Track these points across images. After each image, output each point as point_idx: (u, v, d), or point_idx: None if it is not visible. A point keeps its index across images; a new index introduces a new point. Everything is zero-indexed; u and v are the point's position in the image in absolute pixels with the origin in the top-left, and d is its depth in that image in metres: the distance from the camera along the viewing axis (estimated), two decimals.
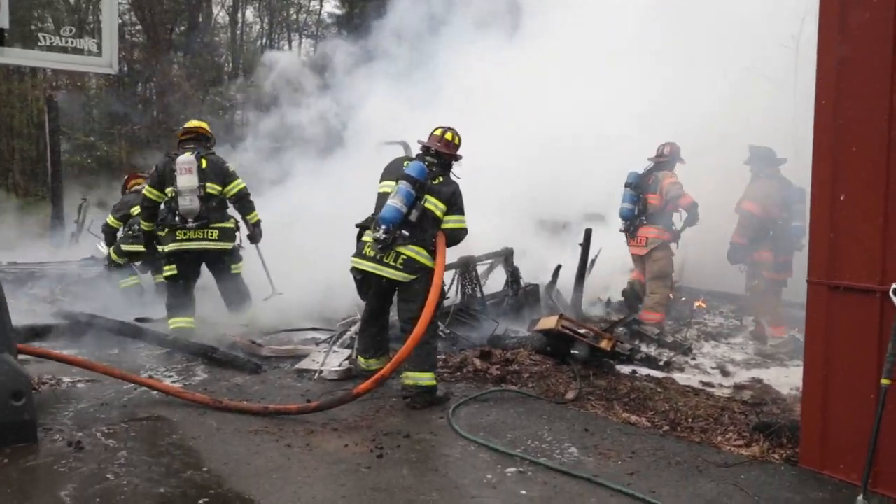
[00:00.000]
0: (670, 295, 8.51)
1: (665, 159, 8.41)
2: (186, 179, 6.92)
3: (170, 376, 6.07)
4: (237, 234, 7.43)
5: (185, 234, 7.01)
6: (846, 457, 4.13)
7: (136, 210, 8.71)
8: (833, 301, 4.12)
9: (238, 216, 7.47)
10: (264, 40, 31.26)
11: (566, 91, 11.34)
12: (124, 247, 8.96)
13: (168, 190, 7.07)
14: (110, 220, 9.22)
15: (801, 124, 9.09)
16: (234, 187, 7.27)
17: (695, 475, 4.28)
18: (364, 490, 3.97)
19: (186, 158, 7.00)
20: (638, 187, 8.44)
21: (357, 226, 5.69)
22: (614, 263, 9.45)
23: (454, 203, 5.55)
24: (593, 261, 8.65)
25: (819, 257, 4.18)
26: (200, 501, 3.80)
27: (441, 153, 5.68)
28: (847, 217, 4.04)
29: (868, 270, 3.93)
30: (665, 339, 7.74)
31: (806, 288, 4.30)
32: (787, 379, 6.92)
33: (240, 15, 30.39)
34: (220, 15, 30.49)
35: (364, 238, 5.63)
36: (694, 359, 7.47)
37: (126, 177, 10.13)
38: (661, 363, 7.00)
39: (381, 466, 4.29)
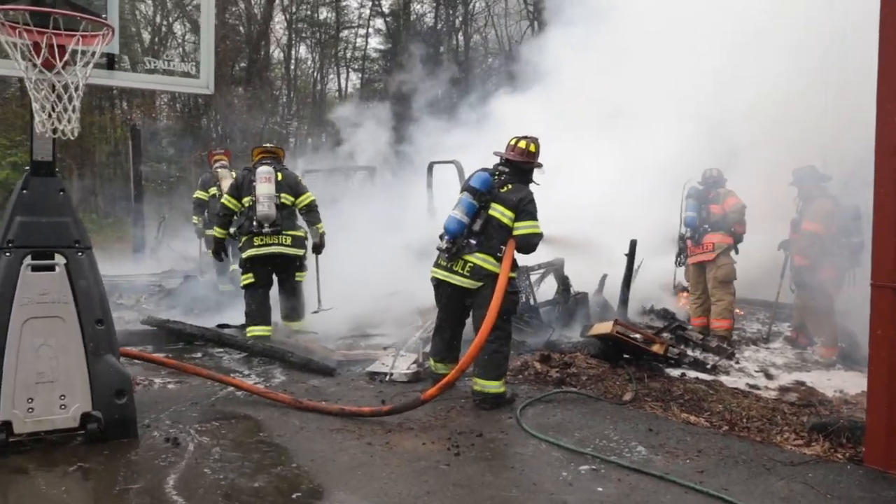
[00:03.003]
0: (733, 301, 8.22)
1: (717, 178, 8.28)
2: (265, 187, 6.98)
3: (251, 378, 5.98)
4: (306, 242, 7.40)
5: (261, 239, 7.01)
6: None
7: (212, 191, 9.59)
8: None
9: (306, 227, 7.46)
10: (316, 74, 31.54)
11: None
12: (208, 231, 9.42)
13: (245, 199, 7.11)
14: (199, 193, 9.97)
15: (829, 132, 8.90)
16: (305, 199, 7.30)
17: (763, 473, 4.06)
18: (446, 486, 3.82)
19: (266, 169, 7.09)
20: (701, 199, 8.22)
21: (440, 237, 5.55)
22: (654, 274, 9.22)
23: (523, 209, 5.30)
24: (637, 269, 8.42)
25: (883, 260, 3.96)
26: (294, 495, 3.68)
27: (513, 161, 5.51)
28: None
29: None
30: (709, 344, 7.48)
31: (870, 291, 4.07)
32: (829, 382, 6.65)
33: (293, 52, 30.73)
34: (276, 52, 30.89)
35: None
36: (737, 363, 7.20)
37: (207, 153, 11.04)
38: (708, 367, 6.75)
39: (459, 464, 4.13)
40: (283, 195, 7.12)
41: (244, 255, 7.10)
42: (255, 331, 6.93)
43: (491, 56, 27.23)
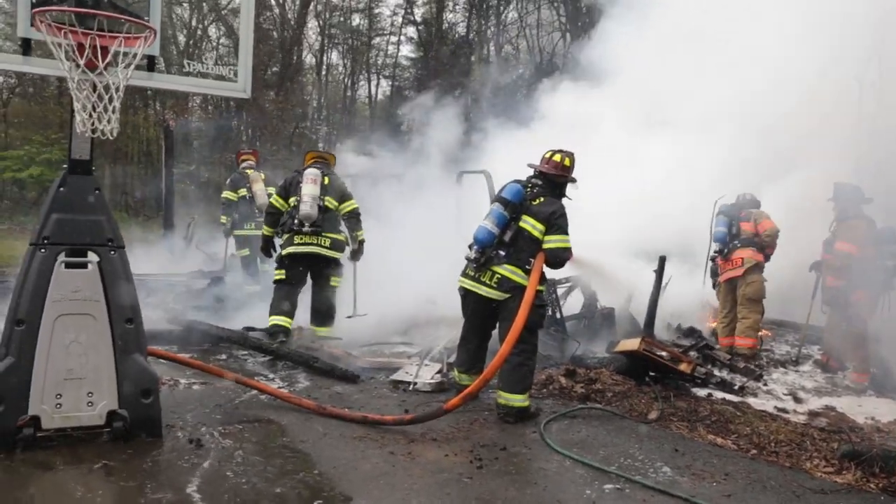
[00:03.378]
0: (760, 321, 8.11)
1: (750, 200, 8.32)
2: (310, 188, 7.15)
3: (274, 382, 5.99)
4: (346, 247, 7.47)
5: (301, 238, 7.14)
6: None
7: (241, 192, 10.23)
8: None
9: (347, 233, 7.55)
10: (347, 80, 31.75)
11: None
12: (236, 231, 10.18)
13: (291, 200, 7.27)
14: (227, 194, 10.42)
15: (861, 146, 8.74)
16: (349, 205, 7.44)
17: (793, 500, 3.98)
18: (468, 499, 3.79)
19: (313, 171, 7.29)
20: (731, 215, 8.22)
21: (469, 247, 5.52)
22: (682, 290, 9.10)
23: (554, 223, 5.25)
24: (665, 286, 8.31)
25: None
26: (315, 503, 3.66)
27: (547, 174, 5.47)
28: None
29: None
30: (736, 365, 7.36)
31: None
32: (860, 408, 6.50)
33: (325, 57, 30.97)
34: (308, 57, 31.14)
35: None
36: (766, 385, 7.07)
37: (236, 154, 11.52)
38: (736, 388, 6.63)
39: (482, 477, 4.09)
40: (327, 198, 7.26)
41: (283, 251, 7.26)
42: (275, 319, 7.03)
43: (522, 67, 27.17)
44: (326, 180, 7.30)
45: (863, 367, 7.40)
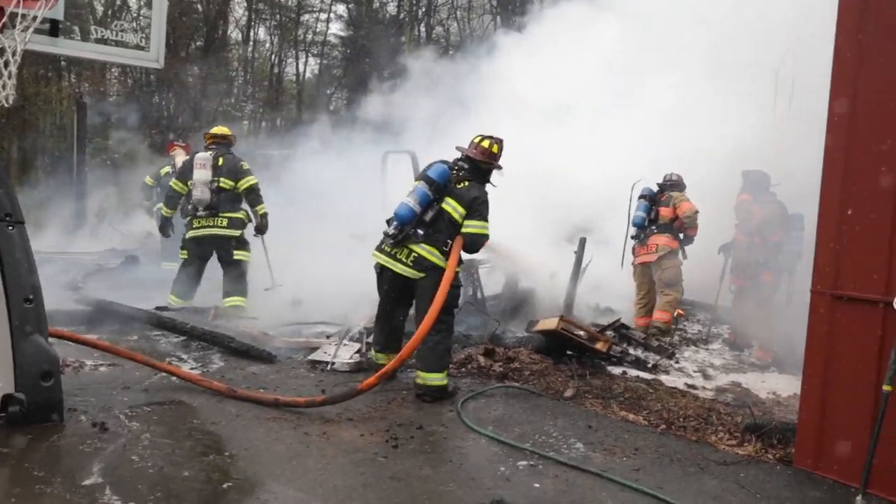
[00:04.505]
0: (679, 299, 8.33)
1: (675, 182, 8.40)
2: (200, 173, 7.37)
3: (187, 363, 5.80)
4: (246, 224, 7.66)
5: (198, 222, 7.43)
6: (841, 459, 3.95)
7: (164, 170, 10.01)
8: (836, 310, 3.95)
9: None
10: (274, 57, 30.94)
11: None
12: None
13: (189, 182, 7.49)
14: (149, 180, 10.35)
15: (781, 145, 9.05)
16: (246, 182, 7.56)
17: (697, 472, 4.10)
18: (383, 479, 3.75)
19: (202, 155, 7.47)
20: (652, 200, 8.32)
21: (386, 221, 5.45)
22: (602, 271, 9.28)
23: (475, 209, 5.25)
24: (585, 267, 8.45)
25: (824, 268, 4.01)
26: (225, 485, 3.56)
27: (473, 159, 5.44)
28: (853, 229, 3.87)
29: (872, 282, 3.77)
30: (650, 343, 7.56)
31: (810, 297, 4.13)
32: (763, 384, 6.78)
33: (252, 33, 30.06)
34: (234, 32, 30.18)
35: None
36: (677, 362, 7.29)
37: (167, 145, 11.44)
38: (649, 366, 6.82)
39: (397, 456, 4.06)
40: (222, 179, 7.43)
41: (185, 235, 7.57)
42: (174, 299, 7.38)
43: (452, 49, 27.06)
44: (221, 161, 7.46)
45: (766, 344, 7.73)
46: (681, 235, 8.28)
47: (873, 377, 3.73)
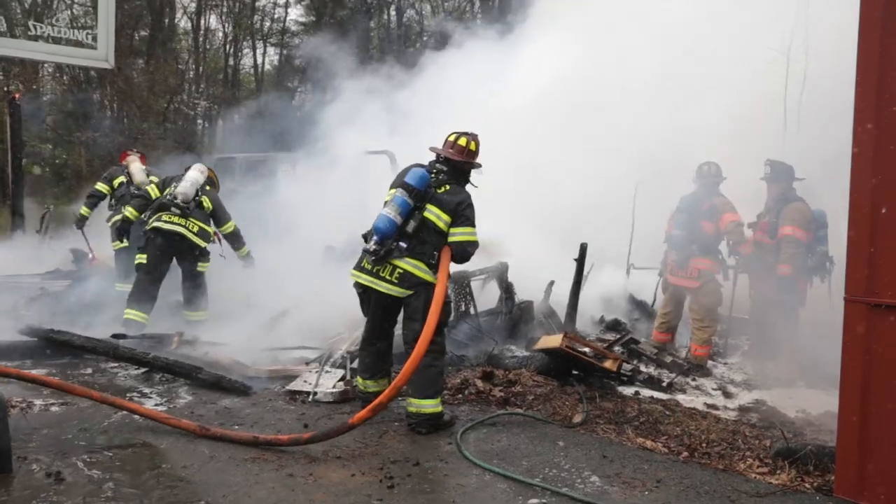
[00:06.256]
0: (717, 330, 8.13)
1: (713, 180, 7.85)
2: (195, 175, 8.06)
3: (151, 399, 5.72)
4: (212, 238, 8.18)
5: (169, 216, 7.76)
6: (888, 486, 3.97)
7: (120, 178, 9.81)
8: (873, 319, 3.97)
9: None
10: (228, 47, 30.80)
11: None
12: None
13: (167, 190, 8.01)
14: (100, 186, 10.11)
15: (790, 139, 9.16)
16: (229, 227, 8.28)
17: None
18: None
19: (201, 165, 8.41)
20: (692, 212, 7.79)
21: (362, 236, 5.41)
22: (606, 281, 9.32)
23: (460, 214, 5.22)
24: (586, 276, 8.47)
25: (858, 274, 4.03)
26: None
27: (451, 160, 5.42)
28: (889, 231, 3.90)
29: None
30: (664, 359, 7.58)
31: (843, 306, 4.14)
32: (791, 401, 6.79)
33: (202, 21, 29.91)
34: (183, 21, 30.01)
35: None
36: (694, 380, 7.31)
37: (121, 154, 11.08)
38: (664, 384, 6.83)
39: (393, 498, 4.02)
40: (204, 197, 8.04)
41: (148, 225, 7.83)
42: (130, 314, 7.55)
43: (426, 34, 27.15)
44: (207, 187, 8.19)
45: (792, 357, 7.72)
46: (725, 254, 7.86)
47: None
